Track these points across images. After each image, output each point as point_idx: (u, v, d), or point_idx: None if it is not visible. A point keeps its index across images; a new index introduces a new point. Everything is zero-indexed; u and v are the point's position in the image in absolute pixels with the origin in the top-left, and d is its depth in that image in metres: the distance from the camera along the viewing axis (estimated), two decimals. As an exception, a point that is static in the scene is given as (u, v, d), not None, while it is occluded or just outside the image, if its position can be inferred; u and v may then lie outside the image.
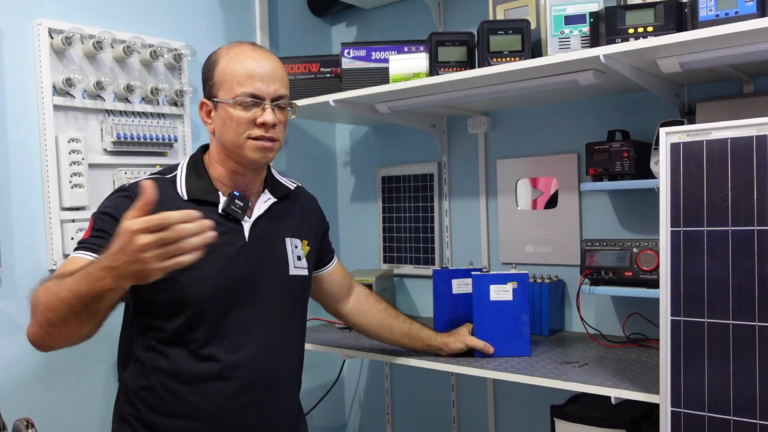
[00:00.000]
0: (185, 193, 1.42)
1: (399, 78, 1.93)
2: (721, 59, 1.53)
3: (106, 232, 1.32)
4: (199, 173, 1.46)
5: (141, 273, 1.08)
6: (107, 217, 1.35)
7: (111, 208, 1.36)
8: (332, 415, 2.75)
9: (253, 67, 1.40)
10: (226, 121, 1.40)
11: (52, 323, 1.18)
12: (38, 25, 1.88)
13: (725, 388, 1.29)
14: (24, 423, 1.58)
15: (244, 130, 1.39)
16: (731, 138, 1.31)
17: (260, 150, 1.40)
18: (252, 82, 1.39)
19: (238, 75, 1.39)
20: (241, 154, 1.41)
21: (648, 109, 1.96)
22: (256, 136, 1.39)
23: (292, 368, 1.54)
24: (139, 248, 1.05)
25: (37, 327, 1.21)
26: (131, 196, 1.36)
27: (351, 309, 1.78)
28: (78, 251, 1.34)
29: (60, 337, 1.21)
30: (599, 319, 2.06)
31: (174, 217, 1.06)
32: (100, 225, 1.35)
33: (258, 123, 1.39)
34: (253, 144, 1.40)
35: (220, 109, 1.41)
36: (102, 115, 2.02)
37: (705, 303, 1.32)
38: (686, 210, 1.35)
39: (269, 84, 1.40)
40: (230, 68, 1.40)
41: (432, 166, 2.47)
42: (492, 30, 1.78)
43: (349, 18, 2.71)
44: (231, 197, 1.43)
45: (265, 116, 1.39)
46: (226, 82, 1.40)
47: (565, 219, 2.13)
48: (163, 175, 1.47)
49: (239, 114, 1.38)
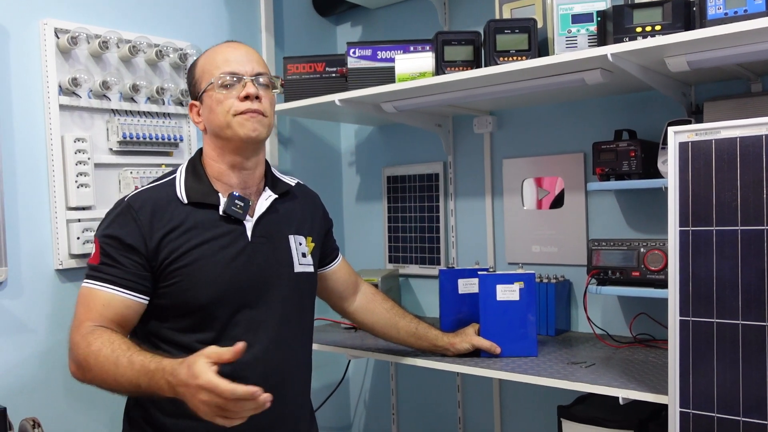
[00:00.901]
0: (185, 197, 1.42)
1: (405, 77, 1.92)
2: (729, 58, 1.52)
3: (114, 259, 1.37)
4: (198, 176, 1.46)
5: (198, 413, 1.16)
6: (112, 241, 1.37)
7: (116, 229, 1.38)
8: (337, 415, 2.75)
9: (227, 52, 1.45)
10: (211, 106, 1.43)
11: (103, 388, 1.32)
12: (44, 24, 1.88)
13: (734, 389, 1.28)
14: (30, 423, 1.59)
15: (229, 107, 1.41)
16: (740, 137, 1.30)
17: (248, 122, 1.41)
18: (228, 64, 1.43)
19: (214, 61, 1.44)
20: (231, 134, 1.41)
21: (655, 108, 1.95)
22: (242, 110, 1.41)
23: (301, 366, 1.54)
24: (200, 402, 1.14)
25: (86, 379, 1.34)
26: (130, 211, 1.39)
27: (357, 307, 1.77)
28: (93, 282, 1.38)
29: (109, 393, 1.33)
30: (606, 319, 2.06)
31: (239, 393, 1.11)
32: (107, 250, 1.37)
33: (241, 97, 1.41)
34: (240, 118, 1.41)
35: (206, 99, 1.44)
36: (108, 114, 2.02)
37: (714, 303, 1.31)
38: (695, 209, 1.34)
39: (245, 64, 1.44)
40: (207, 60, 1.46)
41: (437, 166, 2.46)
42: (498, 29, 1.77)
43: (354, 17, 2.71)
44: (231, 198, 1.43)
45: (247, 89, 1.41)
46: (206, 72, 1.44)
47: (572, 219, 2.13)
48: (161, 180, 1.47)
49: (222, 93, 1.41)
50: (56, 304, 1.91)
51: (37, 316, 1.87)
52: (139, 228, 1.37)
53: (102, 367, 1.27)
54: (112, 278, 1.36)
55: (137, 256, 1.36)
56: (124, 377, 1.24)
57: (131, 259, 1.36)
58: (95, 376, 1.29)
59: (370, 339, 2.04)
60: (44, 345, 1.88)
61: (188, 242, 1.38)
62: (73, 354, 1.33)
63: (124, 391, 1.28)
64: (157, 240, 1.37)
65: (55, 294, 1.91)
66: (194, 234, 1.39)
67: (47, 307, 1.89)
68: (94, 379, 1.30)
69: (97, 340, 1.30)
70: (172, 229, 1.38)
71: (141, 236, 1.36)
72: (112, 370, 1.26)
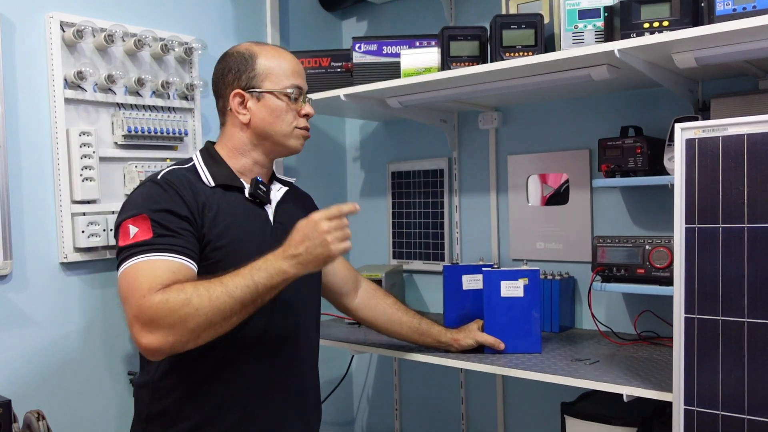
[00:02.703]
0: (211, 180, 1.45)
1: (410, 72, 1.92)
2: (737, 54, 1.51)
3: (173, 230, 1.32)
4: (218, 162, 1.49)
5: (324, 256, 1.30)
6: (166, 214, 1.33)
7: (165, 203, 1.35)
8: (341, 410, 2.75)
9: (295, 63, 1.53)
10: (275, 110, 1.48)
11: (212, 323, 1.25)
12: (50, 18, 1.88)
13: (739, 387, 1.28)
14: (35, 415, 1.59)
15: (293, 119, 1.50)
16: (748, 134, 1.29)
17: (303, 139, 1.54)
18: (297, 76, 1.51)
19: (285, 69, 1.49)
20: (284, 143, 1.50)
21: (661, 105, 1.94)
22: (303, 126, 1.52)
23: (314, 350, 1.59)
24: (323, 232, 1.29)
25: (186, 334, 1.24)
26: (174, 187, 1.37)
27: (359, 304, 1.78)
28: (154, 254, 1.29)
29: (210, 336, 1.27)
30: (610, 316, 2.05)
31: (345, 208, 1.34)
32: (164, 222, 1.32)
33: (302, 114, 1.51)
34: (299, 133, 1.52)
35: (268, 100, 1.48)
36: (113, 108, 2.02)
37: (719, 301, 1.31)
38: (701, 207, 1.33)
39: (305, 81, 1.54)
40: (276, 62, 1.49)
41: (442, 162, 2.46)
42: (505, 24, 1.76)
43: (359, 12, 2.70)
44: (255, 182, 1.49)
45: (308, 108, 1.53)
46: (273, 74, 1.48)
47: (577, 215, 2.12)
48: (180, 165, 1.49)
49: (291, 104, 1.49)
50: (61, 297, 1.91)
51: (42, 310, 1.88)
52: (185, 202, 1.37)
53: (209, 294, 1.23)
54: (175, 248, 1.30)
55: (192, 226, 1.36)
56: (237, 286, 1.25)
57: (188, 230, 1.35)
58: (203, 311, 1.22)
59: (373, 334, 2.04)
60: (48, 338, 1.89)
61: (224, 221, 1.41)
62: (159, 313, 1.22)
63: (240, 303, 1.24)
64: (200, 214, 1.38)
65: (59, 287, 1.91)
66: (227, 213, 1.42)
67: (52, 300, 1.90)
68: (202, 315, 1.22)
69: (185, 285, 1.25)
70: (208, 206, 1.40)
71: (189, 209, 1.36)
72: (221, 289, 1.24)
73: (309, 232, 1.30)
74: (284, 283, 1.30)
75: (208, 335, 1.26)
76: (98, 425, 1.98)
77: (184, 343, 1.25)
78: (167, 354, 1.27)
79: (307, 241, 1.29)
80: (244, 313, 1.28)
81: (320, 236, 1.29)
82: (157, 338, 1.23)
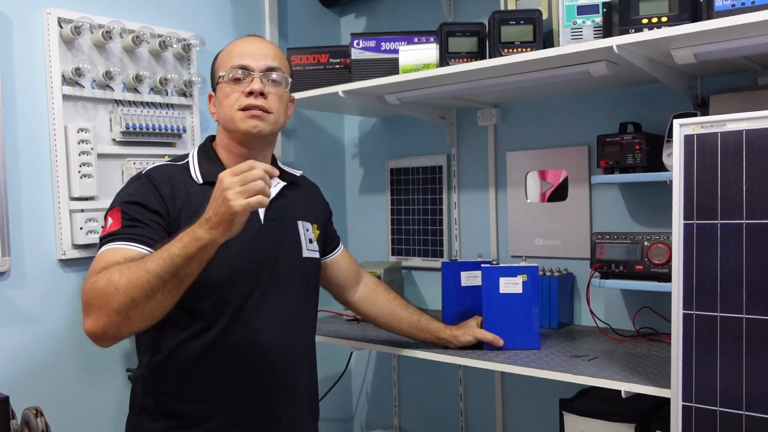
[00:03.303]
0: (200, 177, 1.45)
1: (409, 69, 1.91)
2: (736, 50, 1.51)
3: (139, 221, 1.33)
4: (211, 159, 1.50)
5: (227, 214, 1.18)
6: (136, 206, 1.35)
7: (137, 197, 1.37)
8: (339, 407, 2.76)
9: (243, 45, 1.49)
10: (221, 99, 1.48)
11: (135, 302, 1.19)
12: (47, 14, 1.88)
13: (738, 383, 1.28)
14: (33, 412, 1.59)
15: (235, 101, 1.45)
16: (746, 130, 1.29)
17: (249, 118, 1.44)
18: (241, 57, 1.46)
19: (229, 54, 1.49)
20: (234, 128, 1.45)
21: (660, 101, 1.94)
22: (245, 106, 1.43)
23: (309, 349, 1.58)
24: (224, 189, 1.18)
25: (112, 315, 1.20)
26: (153, 182, 1.39)
27: (360, 298, 1.78)
28: (117, 242, 1.30)
29: (140, 318, 1.21)
30: (609, 312, 2.05)
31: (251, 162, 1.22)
32: (131, 214, 1.34)
33: (246, 93, 1.44)
34: (242, 114, 1.44)
35: (218, 91, 1.49)
36: (111, 105, 2.02)
37: (718, 297, 1.31)
38: (699, 203, 1.33)
39: (258, 59, 1.46)
40: (225, 52, 1.51)
41: (441, 158, 2.46)
42: (503, 20, 1.76)
43: (358, 9, 2.69)
44: None
45: (252, 85, 1.44)
46: (221, 64, 1.50)
47: (576, 212, 2.12)
48: (174, 161, 1.51)
49: (231, 87, 1.45)
50: (59, 294, 1.91)
51: (40, 306, 1.88)
52: (161, 196, 1.38)
53: (129, 273, 1.19)
54: (138, 237, 1.31)
55: (162, 220, 1.36)
56: (153, 260, 1.19)
57: (156, 222, 1.35)
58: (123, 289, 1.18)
59: (372, 331, 2.04)
60: (47, 334, 1.89)
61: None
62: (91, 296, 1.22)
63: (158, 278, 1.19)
64: (177, 211, 1.38)
65: (57, 284, 1.91)
66: None
67: (50, 296, 1.90)
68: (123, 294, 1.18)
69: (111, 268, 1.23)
70: (189, 204, 1.40)
71: (164, 204, 1.37)
72: (136, 267, 1.19)
73: (215, 191, 1.21)
74: (203, 251, 1.20)
75: (139, 316, 1.21)
76: (96, 422, 1.99)
77: (115, 325, 1.21)
78: (108, 339, 1.24)
79: (214, 202, 1.20)
80: (169, 288, 1.20)
81: (221, 193, 1.19)
82: (92, 322, 1.23)
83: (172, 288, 1.21)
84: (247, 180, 1.19)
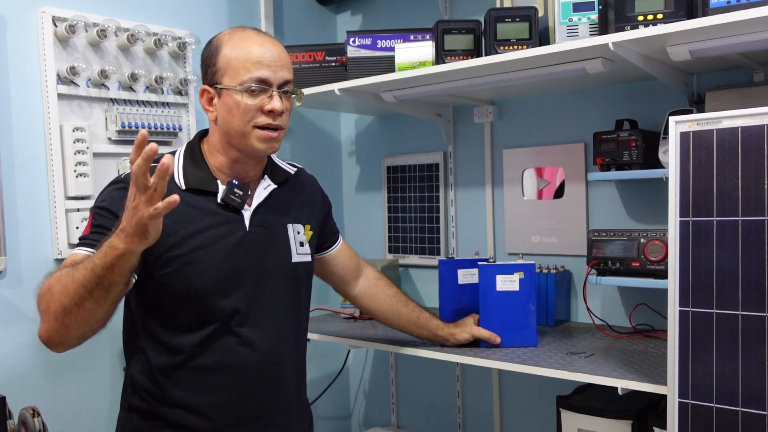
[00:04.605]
0: (183, 182, 1.39)
1: (405, 66, 1.91)
2: (732, 47, 1.51)
3: (105, 228, 1.30)
4: (197, 162, 1.43)
5: (139, 224, 1.13)
6: (104, 212, 1.34)
7: (108, 202, 1.34)
8: (337, 405, 2.76)
9: (260, 53, 1.36)
10: (232, 108, 1.36)
11: (67, 310, 1.18)
12: (42, 13, 1.87)
13: (733, 379, 1.28)
14: (30, 411, 1.59)
15: (251, 118, 1.36)
16: (742, 127, 1.29)
17: (266, 140, 1.38)
18: (259, 68, 1.35)
19: (245, 61, 1.36)
20: (245, 143, 1.38)
21: (656, 98, 1.94)
22: (263, 125, 1.37)
23: (298, 356, 1.53)
24: (132, 197, 1.13)
25: (51, 321, 1.21)
26: (127, 188, 1.30)
27: (360, 292, 1.76)
28: (79, 247, 1.33)
29: (75, 325, 1.20)
30: (606, 309, 2.05)
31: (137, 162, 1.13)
32: (99, 221, 1.33)
33: (265, 110, 1.36)
34: (259, 134, 1.37)
35: (225, 96, 1.37)
36: (106, 103, 2.01)
37: (714, 293, 1.31)
38: (695, 200, 1.33)
39: (276, 70, 1.37)
40: (235, 54, 1.37)
41: (438, 156, 2.46)
42: (499, 18, 1.76)
43: (354, 6, 2.69)
44: (230, 186, 1.40)
45: (273, 103, 1.36)
46: (232, 68, 1.36)
47: (572, 209, 2.12)
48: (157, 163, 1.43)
49: (246, 101, 1.35)
50: (55, 293, 1.91)
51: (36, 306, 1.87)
52: None
53: (61, 281, 1.20)
54: (96, 243, 1.27)
55: None
56: (78, 270, 1.18)
57: None
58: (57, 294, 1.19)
59: (369, 329, 2.04)
60: (44, 334, 1.88)
61: (185, 229, 1.36)
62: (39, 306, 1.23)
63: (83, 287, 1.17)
64: None
65: (54, 283, 1.91)
66: (192, 221, 1.37)
67: (46, 296, 1.89)
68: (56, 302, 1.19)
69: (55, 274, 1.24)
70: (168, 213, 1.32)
71: None
72: (67, 275, 1.19)
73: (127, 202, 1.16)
74: (122, 260, 1.16)
75: (73, 323, 1.20)
76: (93, 421, 1.98)
77: (55, 331, 1.21)
78: (55, 345, 1.24)
79: (127, 214, 1.15)
80: (96, 297, 1.18)
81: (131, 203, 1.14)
82: (41, 327, 1.24)
83: (99, 297, 1.19)
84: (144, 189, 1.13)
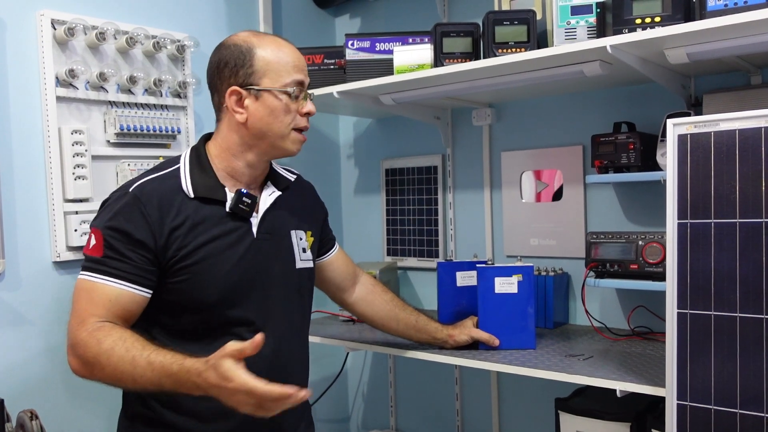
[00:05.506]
0: (191, 190, 1.38)
1: (403, 69, 1.91)
2: (729, 50, 1.51)
3: (121, 253, 1.31)
4: (204, 168, 1.41)
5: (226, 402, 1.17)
6: (117, 234, 1.31)
7: (118, 222, 1.32)
8: (336, 408, 2.76)
9: (295, 57, 1.42)
10: (275, 110, 1.38)
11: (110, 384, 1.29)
12: (41, 15, 1.87)
13: (732, 381, 1.28)
14: (28, 414, 1.59)
15: (292, 120, 1.40)
16: (739, 129, 1.29)
17: (300, 143, 1.44)
18: (298, 71, 1.41)
19: (285, 64, 1.40)
20: (280, 145, 1.42)
21: (654, 100, 1.94)
22: (302, 127, 1.43)
23: (302, 363, 1.54)
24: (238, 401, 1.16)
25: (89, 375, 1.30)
26: (140, 205, 1.33)
27: (357, 298, 1.76)
28: (97, 275, 1.31)
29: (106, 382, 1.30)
30: (604, 312, 2.06)
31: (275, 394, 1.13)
32: (113, 243, 1.31)
33: (302, 113, 1.42)
34: (295, 136, 1.42)
35: (266, 98, 1.38)
36: (105, 106, 2.01)
37: (712, 296, 1.31)
38: (693, 202, 1.33)
39: (307, 74, 1.44)
40: (275, 57, 1.39)
41: (436, 159, 2.46)
42: (497, 21, 1.76)
43: (353, 9, 2.70)
44: (239, 195, 1.39)
45: (309, 106, 1.42)
46: (272, 70, 1.38)
47: (570, 211, 2.12)
48: (164, 170, 1.41)
49: (291, 103, 1.39)
50: (54, 296, 1.91)
51: (35, 309, 1.87)
52: (147, 223, 1.31)
53: (116, 367, 1.23)
54: (118, 272, 1.30)
55: (146, 251, 1.32)
56: (144, 377, 1.22)
57: (139, 253, 1.31)
58: (108, 375, 1.25)
59: (368, 331, 2.04)
60: (42, 337, 1.88)
61: (196, 239, 1.35)
62: (79, 351, 1.28)
63: (143, 390, 1.26)
64: (165, 235, 1.33)
65: (52, 286, 1.91)
66: (201, 230, 1.36)
67: (45, 299, 1.89)
68: (107, 378, 1.26)
69: (108, 337, 1.25)
70: (180, 225, 1.34)
71: (150, 231, 1.32)
72: (129, 370, 1.22)
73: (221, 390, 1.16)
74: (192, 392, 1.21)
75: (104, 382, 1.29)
76: (91, 425, 1.98)
77: (89, 378, 1.30)
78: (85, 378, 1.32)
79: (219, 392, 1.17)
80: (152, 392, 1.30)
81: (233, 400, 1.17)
82: (76, 364, 1.31)
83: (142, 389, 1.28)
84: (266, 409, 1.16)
